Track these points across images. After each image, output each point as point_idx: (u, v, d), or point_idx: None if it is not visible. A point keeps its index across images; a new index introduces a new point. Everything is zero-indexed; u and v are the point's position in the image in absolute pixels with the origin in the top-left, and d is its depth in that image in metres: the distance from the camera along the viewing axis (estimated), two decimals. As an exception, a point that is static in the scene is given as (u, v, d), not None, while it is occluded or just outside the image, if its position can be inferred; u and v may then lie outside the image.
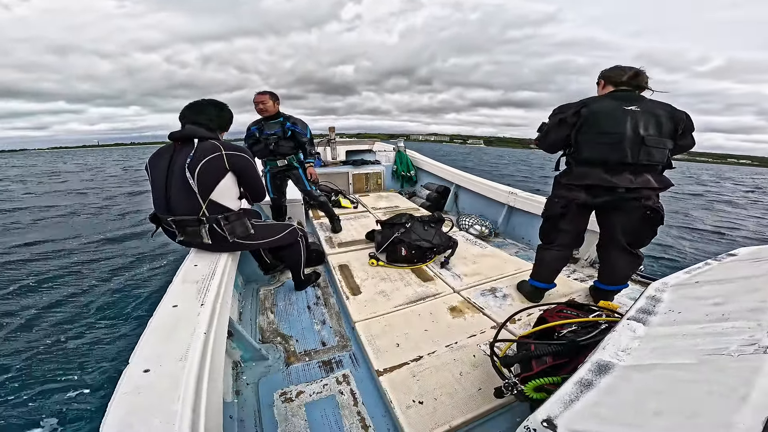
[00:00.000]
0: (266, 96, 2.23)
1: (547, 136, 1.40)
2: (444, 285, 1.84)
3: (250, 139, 2.34)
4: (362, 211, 3.44)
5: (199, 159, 1.20)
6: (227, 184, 1.30)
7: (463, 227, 2.90)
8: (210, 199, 1.25)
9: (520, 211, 2.81)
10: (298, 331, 1.58)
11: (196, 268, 1.24)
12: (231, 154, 1.27)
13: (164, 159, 1.25)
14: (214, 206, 1.28)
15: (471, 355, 1.29)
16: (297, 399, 1.17)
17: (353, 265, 2.07)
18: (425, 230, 2.18)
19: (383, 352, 1.31)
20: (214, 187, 1.25)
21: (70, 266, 4.15)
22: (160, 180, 1.24)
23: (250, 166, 1.36)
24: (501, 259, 2.17)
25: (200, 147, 1.23)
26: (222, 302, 1.10)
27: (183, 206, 1.24)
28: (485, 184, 3.24)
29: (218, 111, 1.38)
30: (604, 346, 0.56)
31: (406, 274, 1.97)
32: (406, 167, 4.69)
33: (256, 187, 1.45)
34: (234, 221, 1.34)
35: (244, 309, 1.75)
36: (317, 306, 1.78)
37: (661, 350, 0.49)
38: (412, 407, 1.05)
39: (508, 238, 2.91)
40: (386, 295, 1.72)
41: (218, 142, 1.29)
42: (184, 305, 0.99)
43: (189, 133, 1.26)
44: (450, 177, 3.86)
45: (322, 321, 1.66)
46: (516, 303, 1.65)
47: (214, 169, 1.24)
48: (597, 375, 0.49)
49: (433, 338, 1.39)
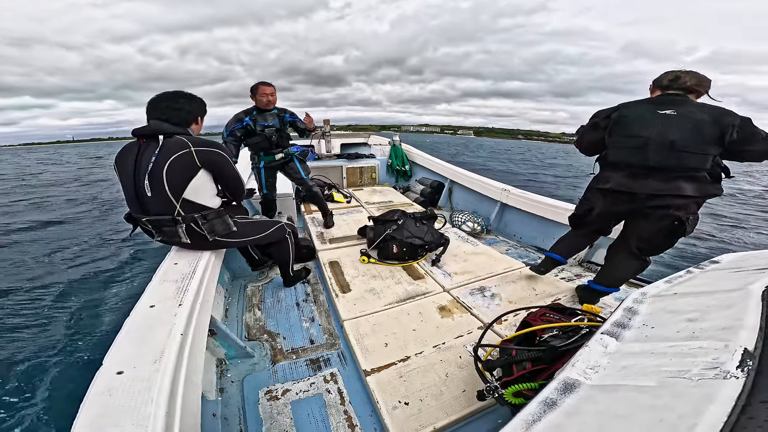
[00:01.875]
0: (273, 88, 2.20)
1: (581, 138, 1.45)
2: (434, 283, 1.86)
3: (240, 131, 2.25)
4: (355, 206, 3.43)
5: (166, 157, 1.14)
6: (201, 182, 1.24)
7: (456, 224, 2.92)
8: (183, 198, 1.20)
9: (513, 208, 2.83)
10: (285, 328, 1.59)
11: (176, 266, 1.23)
12: (201, 150, 1.20)
13: (130, 158, 1.19)
14: (190, 205, 1.23)
15: (457, 356, 1.31)
16: (283, 397, 1.19)
17: (344, 261, 2.08)
18: (417, 227, 2.19)
19: (371, 351, 1.33)
20: (186, 186, 1.19)
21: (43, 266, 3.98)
22: (129, 180, 1.18)
23: (224, 161, 1.28)
24: (492, 258, 2.20)
25: (166, 144, 1.16)
26: (202, 301, 1.10)
27: (156, 206, 1.19)
28: (479, 180, 3.25)
29: (185, 103, 1.28)
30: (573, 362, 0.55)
31: (397, 271, 1.99)
32: (401, 161, 4.66)
33: (233, 184, 1.38)
34: (213, 219, 1.30)
35: (231, 305, 1.75)
36: (306, 303, 1.80)
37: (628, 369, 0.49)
38: (398, 408, 1.08)
39: (500, 235, 2.94)
40: (376, 293, 1.73)
41: (186, 137, 1.21)
42: (161, 305, 0.98)
43: (153, 129, 1.18)
44: (444, 172, 3.85)
45: (311, 318, 1.67)
46: (503, 303, 1.69)
47: (183, 167, 1.17)
48: (562, 394, 0.49)
49: (421, 338, 1.41)
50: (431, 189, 3.88)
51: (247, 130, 2.25)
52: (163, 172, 1.13)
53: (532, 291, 1.80)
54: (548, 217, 2.47)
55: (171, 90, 1.29)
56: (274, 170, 2.47)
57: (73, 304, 3.06)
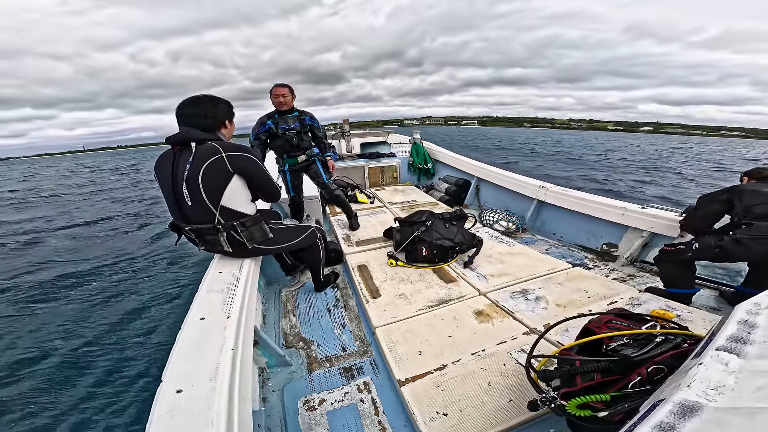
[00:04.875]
0: (286, 89, 2.22)
1: (696, 211, 1.67)
2: (468, 287, 1.80)
3: (264, 134, 2.32)
4: (378, 206, 3.43)
5: (199, 165, 1.15)
6: (236, 188, 1.26)
7: (487, 223, 2.81)
8: (221, 205, 1.23)
9: (551, 206, 2.70)
10: (319, 335, 1.60)
11: (220, 275, 1.27)
12: (233, 156, 1.20)
13: (167, 166, 1.21)
14: (228, 212, 1.26)
15: (500, 364, 1.25)
16: (319, 407, 1.19)
17: (372, 265, 2.05)
18: (447, 228, 2.13)
19: (404, 360, 1.29)
20: (223, 193, 1.21)
21: (92, 277, 4.20)
22: (168, 189, 1.22)
23: (256, 165, 1.30)
24: (532, 258, 2.09)
25: (199, 151, 1.17)
26: (247, 311, 1.13)
27: (196, 215, 1.23)
28: (511, 177, 3.13)
29: (209, 108, 1.28)
30: (688, 383, 0.49)
31: (427, 274, 1.93)
32: (422, 159, 4.60)
33: (267, 187, 1.39)
34: (251, 227, 1.33)
35: (268, 311, 1.80)
36: (337, 309, 1.79)
37: (766, 390, 0.42)
38: (436, 419, 1.04)
39: (538, 234, 2.81)
40: (407, 298, 1.69)
41: (218, 142, 1.22)
42: (211, 317, 1.02)
43: (183, 137, 1.19)
44: (471, 170, 3.75)
45: (342, 325, 1.66)
46: (551, 307, 1.59)
47: (217, 174, 1.18)
48: (681, 418, 0.44)
49: (457, 345, 1.36)
50: (457, 187, 3.80)
51: (270, 133, 2.30)
52: (199, 179, 1.16)
53: (583, 293, 1.68)
54: (595, 215, 2.33)
55: (199, 94, 1.31)
56: (298, 173, 2.51)
57: (124, 313, 3.21)
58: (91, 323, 3.08)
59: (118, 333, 2.89)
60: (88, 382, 2.28)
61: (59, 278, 4.18)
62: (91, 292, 3.76)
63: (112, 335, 2.86)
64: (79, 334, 2.91)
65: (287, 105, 2.25)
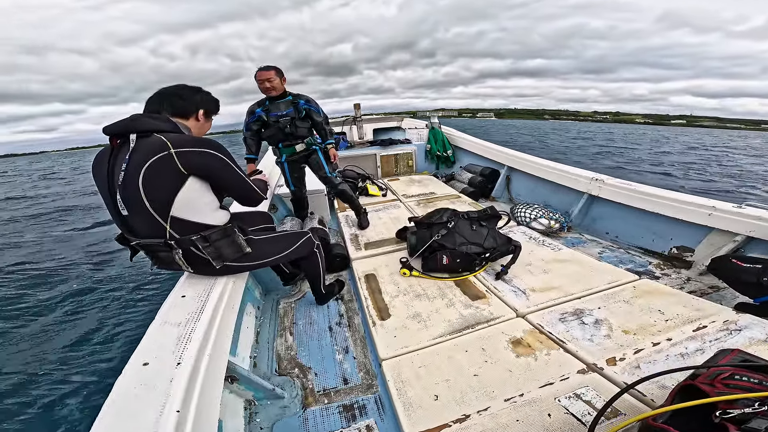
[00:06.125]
0: (272, 72, 1.93)
1: None
2: (502, 305, 1.48)
3: (255, 124, 2.08)
4: (392, 199, 3.11)
5: (139, 165, 0.88)
6: (193, 193, 0.97)
7: (522, 220, 2.44)
8: (172, 216, 0.96)
9: (606, 201, 2.28)
10: (317, 360, 1.38)
11: (183, 300, 1.04)
12: (186, 152, 0.92)
13: (104, 166, 0.94)
14: (183, 224, 0.98)
15: (545, 415, 0.96)
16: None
17: (381, 274, 1.78)
18: (474, 230, 1.80)
19: (416, 407, 1.03)
20: (174, 200, 0.93)
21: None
22: (106, 195, 0.96)
23: (220, 163, 1.01)
24: (585, 266, 1.72)
25: (140, 146, 0.90)
26: (213, 350, 0.89)
27: (142, 228, 0.98)
28: (553, 168, 2.70)
29: (191, 90, 1.05)
30: None
31: (449, 288, 1.63)
32: (441, 146, 4.19)
33: (239, 189, 1.11)
34: (218, 241, 1.05)
35: (263, 326, 1.60)
36: (340, 327, 1.55)
37: None
38: None
39: (586, 233, 2.40)
40: (422, 321, 1.41)
41: (170, 135, 0.94)
42: (157, 363, 0.79)
43: (124, 125, 0.92)
44: (500, 157, 3.34)
45: (345, 349, 1.42)
46: (616, 333, 1.25)
47: (164, 176, 0.91)
48: None
49: (486, 387, 1.08)
50: (483, 177, 3.40)
51: (262, 122, 2.04)
52: (138, 183, 0.89)
53: (658, 315, 1.33)
54: (666, 213, 1.94)
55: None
56: (298, 164, 2.25)
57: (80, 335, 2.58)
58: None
59: (51, 375, 2.21)
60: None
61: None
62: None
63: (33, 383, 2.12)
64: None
65: (276, 90, 1.97)
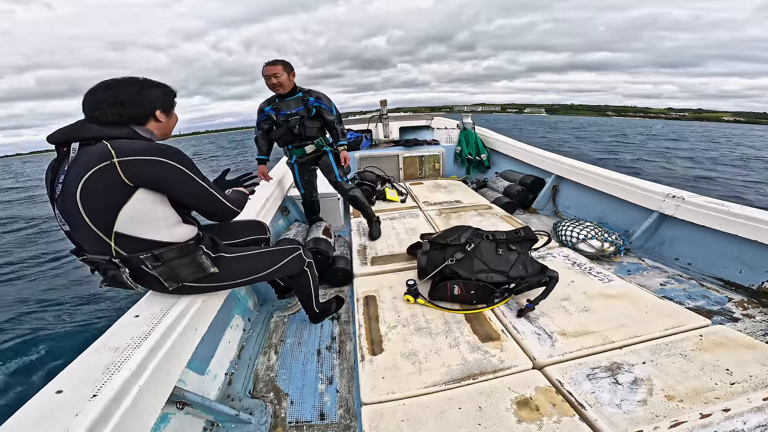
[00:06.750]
0: (278, 66, 1.81)
1: None
2: (517, 351, 1.24)
3: (266, 123, 2.00)
4: (411, 206, 2.91)
5: (78, 176, 0.80)
6: (142, 207, 0.87)
7: (567, 240, 2.13)
8: (116, 232, 0.86)
9: (683, 222, 1.93)
10: (297, 387, 1.28)
11: (134, 321, 0.96)
12: (131, 162, 0.81)
13: (49, 176, 0.88)
14: (131, 241, 0.89)
15: None
16: None
17: (383, 297, 1.63)
18: (499, 255, 1.55)
19: (396, 477, 0.88)
20: (117, 214, 0.84)
21: None
22: (52, 206, 0.89)
23: (172, 172, 0.88)
24: (639, 304, 1.41)
25: (81, 155, 0.82)
26: (149, 379, 0.80)
27: (85, 243, 0.90)
28: (617, 180, 2.32)
29: (134, 90, 0.90)
30: None
31: (456, 323, 1.43)
32: (474, 149, 3.89)
33: (199, 200, 0.97)
34: (172, 261, 0.94)
35: (249, 340, 1.54)
36: (329, 352, 1.44)
37: None
38: None
39: (649, 258, 2.06)
40: (417, 362, 1.24)
41: (118, 142, 0.84)
42: (71, 392, 0.70)
43: (66, 134, 0.84)
44: (545, 164, 2.98)
45: (329, 379, 1.31)
46: (656, 399, 0.97)
47: (105, 189, 0.82)
48: None
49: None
50: (523, 186, 3.05)
51: (272, 121, 1.96)
52: (76, 197, 0.80)
53: (724, 375, 1.03)
54: (763, 240, 1.59)
55: (117, 77, 0.90)
56: (307, 165, 2.15)
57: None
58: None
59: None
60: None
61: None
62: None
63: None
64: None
65: (284, 87, 1.84)
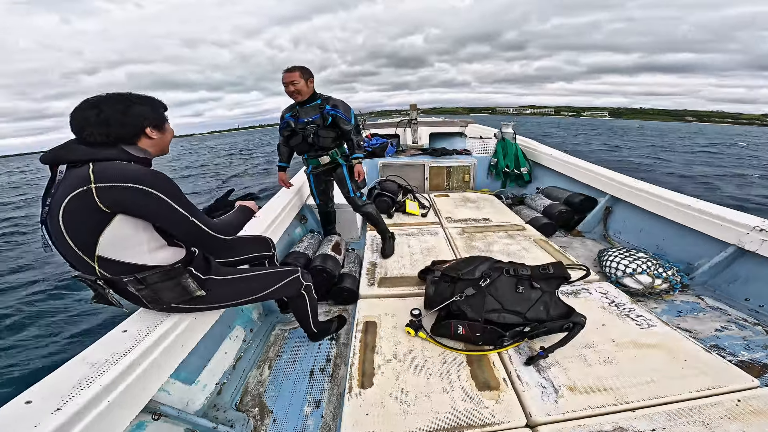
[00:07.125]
0: (295, 73, 1.78)
1: None
2: (514, 404, 1.13)
3: (286, 130, 1.99)
4: (432, 221, 2.77)
5: (60, 199, 0.83)
6: (122, 232, 0.88)
7: (611, 273, 1.90)
8: (98, 255, 0.88)
9: (765, 259, 1.65)
10: (282, 406, 1.31)
11: (121, 336, 1.01)
12: (108, 188, 0.81)
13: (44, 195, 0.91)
14: (114, 265, 0.91)
15: None
16: None
17: (384, 324, 1.58)
18: (518, 293, 1.41)
19: None
20: (97, 240, 0.86)
21: None
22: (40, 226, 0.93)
23: (148, 200, 0.86)
24: (678, 356, 1.21)
25: (67, 177, 0.84)
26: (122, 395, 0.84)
27: (73, 263, 0.94)
28: (686, 205, 2.00)
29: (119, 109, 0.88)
30: None
31: (456, 365, 1.34)
32: (513, 161, 3.62)
33: (177, 230, 0.94)
34: (156, 283, 0.96)
35: (248, 351, 1.60)
36: (322, 375, 1.45)
37: None
38: None
39: (710, 297, 1.80)
40: (405, 404, 1.19)
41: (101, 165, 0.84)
42: (38, 405, 0.74)
43: (53, 155, 0.86)
44: (599, 183, 2.66)
45: (317, 402, 1.32)
46: None
47: (83, 214, 0.83)
48: None
49: None
50: (568, 206, 2.75)
51: (290, 129, 1.96)
52: (59, 221, 0.83)
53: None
54: None
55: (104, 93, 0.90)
56: (323, 176, 2.16)
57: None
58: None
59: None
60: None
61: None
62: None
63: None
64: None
65: (302, 94, 1.81)
